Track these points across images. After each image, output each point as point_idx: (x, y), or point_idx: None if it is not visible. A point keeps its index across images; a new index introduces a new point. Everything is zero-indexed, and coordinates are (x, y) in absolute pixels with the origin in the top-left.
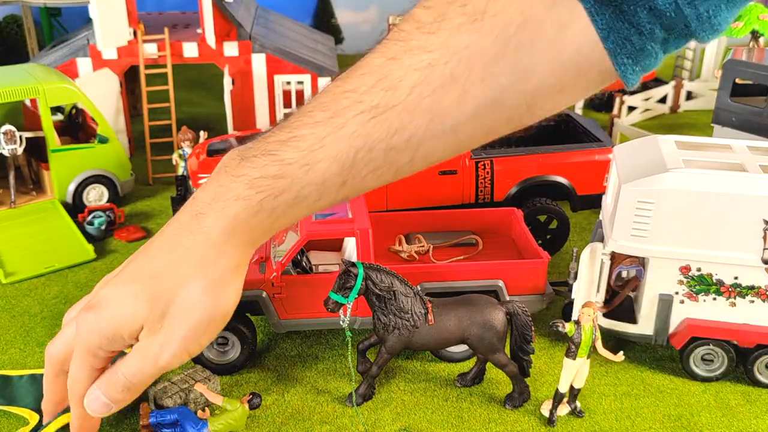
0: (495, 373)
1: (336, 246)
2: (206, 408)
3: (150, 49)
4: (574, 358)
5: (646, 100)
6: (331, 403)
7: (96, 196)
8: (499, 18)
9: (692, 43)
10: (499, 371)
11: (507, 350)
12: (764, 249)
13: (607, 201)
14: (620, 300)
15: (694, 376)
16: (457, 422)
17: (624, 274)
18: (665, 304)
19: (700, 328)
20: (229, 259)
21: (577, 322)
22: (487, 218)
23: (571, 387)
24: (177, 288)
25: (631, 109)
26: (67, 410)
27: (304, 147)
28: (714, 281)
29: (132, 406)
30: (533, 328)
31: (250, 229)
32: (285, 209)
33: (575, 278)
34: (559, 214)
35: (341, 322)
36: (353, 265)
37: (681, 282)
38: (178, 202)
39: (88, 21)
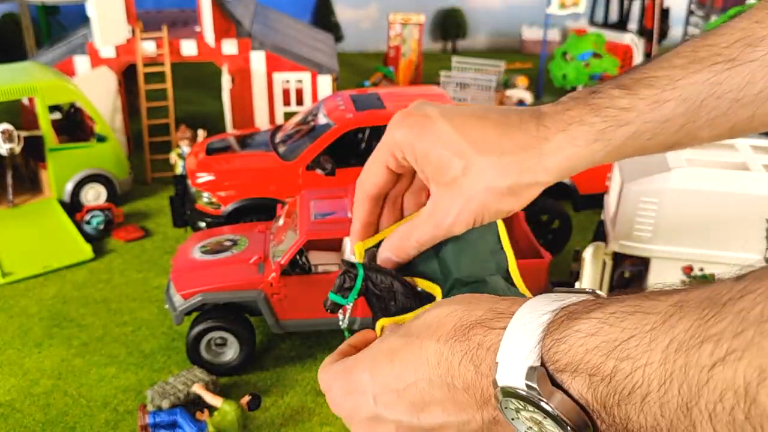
0: None
1: (336, 246)
2: (205, 409)
3: (148, 48)
4: None
5: None
6: None
7: (94, 195)
8: None
9: None
10: None
11: None
12: (767, 249)
13: (609, 200)
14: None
15: None
16: None
17: (626, 274)
18: None
19: None
20: (547, 176)
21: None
22: None
23: None
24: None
25: None
26: None
27: (658, 85)
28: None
29: (131, 407)
30: None
31: (578, 156)
32: (618, 143)
33: (577, 278)
34: (561, 214)
35: (340, 323)
36: (353, 265)
37: (684, 282)
38: (176, 202)
39: (86, 19)
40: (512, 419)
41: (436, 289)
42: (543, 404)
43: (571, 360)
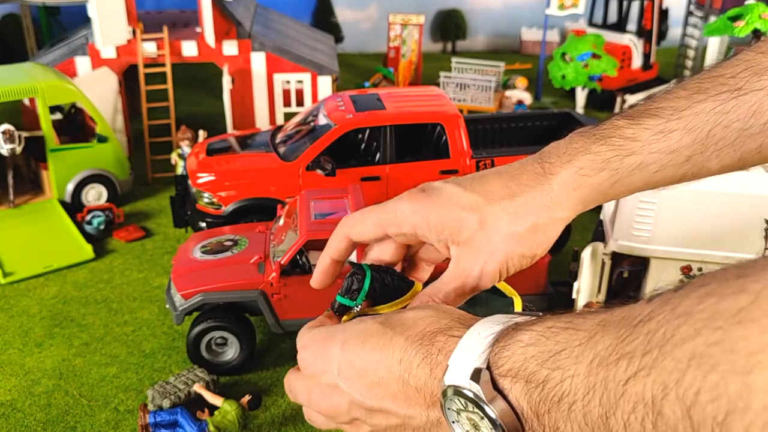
0: None
1: None
2: (205, 409)
3: (149, 48)
4: None
5: None
6: None
7: (95, 195)
8: None
9: (694, 42)
10: None
11: None
12: (766, 249)
13: None
14: (621, 300)
15: None
16: None
17: (625, 274)
18: None
19: None
20: (562, 211)
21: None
22: None
23: None
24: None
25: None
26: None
27: (662, 115)
28: None
29: (132, 407)
30: None
31: (587, 186)
32: (625, 174)
33: (576, 278)
34: None
35: None
36: (360, 267)
37: (682, 282)
38: (177, 202)
39: (87, 20)
40: (453, 422)
41: None
42: (484, 406)
43: (512, 366)
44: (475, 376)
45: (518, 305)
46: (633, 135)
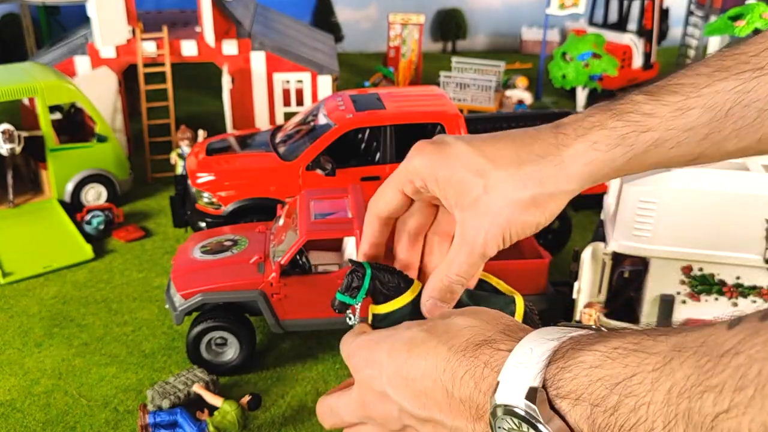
0: None
1: (336, 246)
2: (205, 409)
3: (149, 48)
4: None
5: None
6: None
7: (94, 195)
8: None
9: (694, 41)
10: None
11: None
12: (767, 249)
13: (608, 200)
14: (622, 300)
15: None
16: None
17: (626, 274)
18: (667, 304)
19: None
20: (569, 184)
21: (579, 323)
22: None
23: None
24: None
25: None
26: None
27: (682, 92)
28: (716, 281)
29: (132, 407)
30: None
31: (600, 161)
32: (640, 150)
33: (576, 278)
34: (560, 214)
35: (348, 321)
36: (360, 265)
37: (683, 282)
38: (176, 202)
39: (87, 20)
40: None
41: None
42: (540, 426)
43: (575, 388)
44: (531, 395)
45: (520, 304)
46: (651, 111)
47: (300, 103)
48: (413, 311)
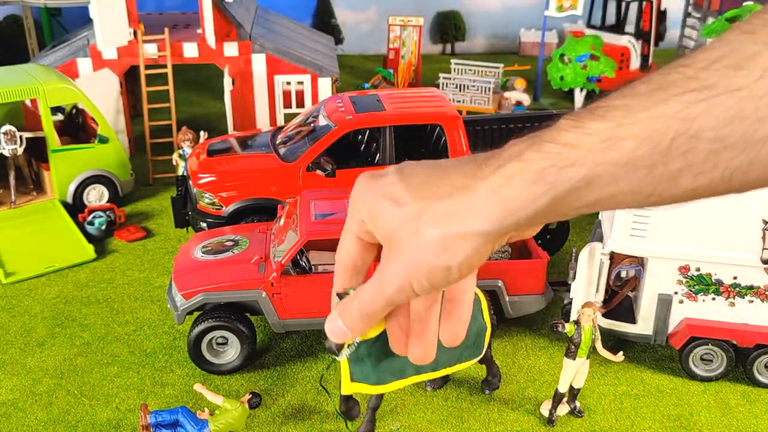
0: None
1: (336, 246)
2: (206, 408)
3: (150, 50)
4: (574, 359)
5: None
6: (331, 403)
7: (96, 196)
8: None
9: (692, 43)
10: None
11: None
12: (763, 249)
13: None
14: (619, 300)
15: (694, 376)
16: (457, 422)
17: (623, 274)
18: (664, 304)
19: (699, 328)
20: (481, 224)
21: (577, 323)
22: None
23: (571, 387)
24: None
25: None
26: None
27: (610, 118)
28: (713, 281)
29: (133, 406)
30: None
31: (516, 200)
32: (564, 189)
33: (575, 278)
34: None
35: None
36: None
37: (680, 282)
38: (178, 203)
39: (89, 21)
40: None
41: None
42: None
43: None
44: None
45: (484, 304)
46: (574, 141)
47: (300, 104)
48: None
